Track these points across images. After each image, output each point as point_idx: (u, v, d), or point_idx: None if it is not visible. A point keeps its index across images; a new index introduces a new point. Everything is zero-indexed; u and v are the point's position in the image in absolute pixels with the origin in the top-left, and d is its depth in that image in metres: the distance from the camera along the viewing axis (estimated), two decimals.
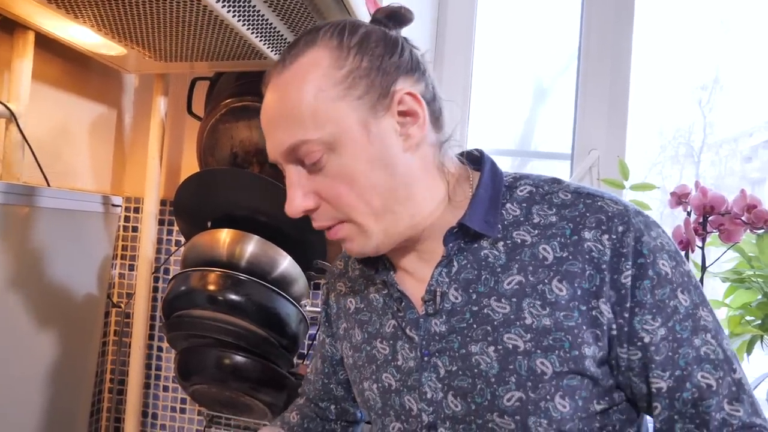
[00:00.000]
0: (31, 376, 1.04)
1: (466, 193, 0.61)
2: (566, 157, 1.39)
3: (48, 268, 1.05)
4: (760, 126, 1.51)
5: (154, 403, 1.33)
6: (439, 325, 0.59)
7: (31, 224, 1.00)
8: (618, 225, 0.54)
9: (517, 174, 0.63)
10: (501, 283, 0.57)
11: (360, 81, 0.55)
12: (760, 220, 0.97)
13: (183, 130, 1.34)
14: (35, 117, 1.07)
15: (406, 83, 0.57)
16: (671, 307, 0.53)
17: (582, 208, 0.57)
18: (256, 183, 1.02)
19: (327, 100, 0.54)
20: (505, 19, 1.50)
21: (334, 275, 0.76)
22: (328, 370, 0.78)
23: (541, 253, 0.56)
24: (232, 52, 0.99)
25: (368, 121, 0.55)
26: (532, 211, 0.58)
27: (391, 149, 0.56)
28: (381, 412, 0.64)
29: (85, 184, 1.23)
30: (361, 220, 0.57)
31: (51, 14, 0.87)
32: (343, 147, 0.55)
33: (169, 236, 1.32)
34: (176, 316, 1.01)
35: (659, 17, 1.43)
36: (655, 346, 0.53)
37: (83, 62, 1.17)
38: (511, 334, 0.55)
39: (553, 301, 0.54)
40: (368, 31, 0.58)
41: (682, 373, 0.53)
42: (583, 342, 0.53)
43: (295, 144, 0.55)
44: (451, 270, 0.59)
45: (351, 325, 0.70)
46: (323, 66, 0.55)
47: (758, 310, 1.03)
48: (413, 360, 0.60)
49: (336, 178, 0.56)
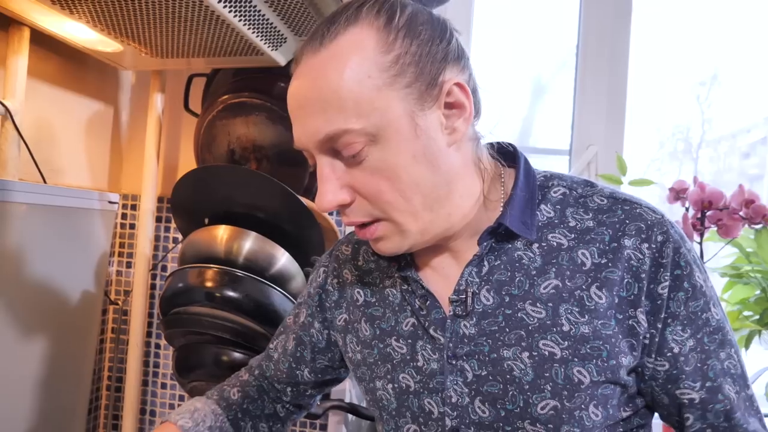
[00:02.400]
0: (28, 374, 1.04)
1: (499, 191, 0.58)
2: (564, 153, 1.39)
3: (45, 266, 1.05)
4: (758, 122, 1.51)
5: (152, 400, 1.33)
6: (469, 327, 0.56)
7: (28, 221, 0.99)
8: (658, 234, 0.53)
9: (547, 173, 0.60)
10: (537, 287, 0.55)
11: (408, 68, 0.51)
12: (758, 215, 0.97)
13: (180, 127, 1.34)
14: (31, 114, 1.06)
15: (453, 72, 0.53)
16: (702, 319, 0.53)
17: (621, 214, 0.55)
18: (253, 179, 1.02)
19: (372, 88, 0.50)
20: (503, 16, 1.49)
21: (337, 260, 0.71)
22: (303, 355, 0.73)
23: (579, 258, 0.54)
24: (229, 49, 0.99)
25: (415, 112, 0.51)
26: (567, 214, 0.56)
27: (437, 144, 0.52)
28: (395, 413, 0.61)
29: (81, 181, 1.23)
30: (400, 218, 0.53)
31: (46, 10, 0.87)
32: (387, 140, 0.51)
33: (166, 233, 1.32)
34: (174, 313, 1.01)
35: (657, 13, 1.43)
36: (684, 356, 0.53)
37: (79, 59, 1.17)
38: (547, 341, 0.53)
39: (591, 308, 0.53)
40: (415, 11, 0.53)
41: (713, 384, 0.53)
42: (620, 351, 0.52)
43: (335, 133, 0.51)
44: (482, 270, 0.57)
45: (356, 318, 0.66)
46: (369, 48, 0.50)
47: (756, 305, 1.03)
48: (436, 362, 0.57)
49: (376, 172, 0.52)
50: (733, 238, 1.03)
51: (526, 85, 1.53)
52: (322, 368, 0.74)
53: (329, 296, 0.71)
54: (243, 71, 1.14)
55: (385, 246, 0.56)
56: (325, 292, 0.72)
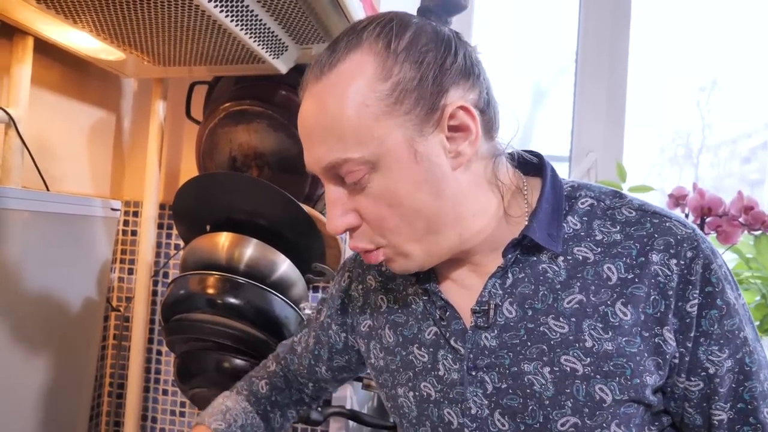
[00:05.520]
0: (30, 381, 1.04)
1: (522, 205, 0.57)
2: (564, 159, 1.39)
3: (47, 273, 1.05)
4: (758, 127, 1.51)
5: (154, 406, 1.33)
6: (490, 339, 0.55)
7: (31, 229, 1.00)
8: (687, 250, 0.51)
9: (575, 182, 0.59)
10: (561, 301, 0.53)
11: (408, 94, 0.50)
12: (757, 222, 0.97)
13: (182, 134, 1.35)
14: (34, 122, 1.07)
15: (457, 93, 0.52)
16: (741, 338, 0.51)
17: (650, 228, 0.53)
18: (254, 186, 1.02)
19: (370, 117, 0.50)
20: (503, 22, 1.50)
21: (362, 265, 0.71)
22: (321, 354, 0.75)
23: (605, 272, 0.53)
24: (231, 56, 1.00)
25: (415, 139, 0.50)
26: (594, 227, 0.55)
27: (440, 169, 0.51)
28: (415, 421, 0.61)
29: (84, 188, 1.24)
30: (403, 245, 0.54)
31: (50, 19, 0.88)
32: (387, 167, 0.51)
33: (168, 240, 1.32)
34: (175, 319, 1.01)
35: (656, 19, 1.43)
36: (720, 378, 0.51)
37: (82, 67, 1.18)
38: (569, 356, 0.52)
39: (616, 324, 0.51)
40: (418, 31, 0.52)
41: (746, 407, 0.51)
42: (645, 370, 0.51)
43: (335, 162, 0.51)
44: (506, 282, 0.56)
45: (380, 325, 0.66)
46: (367, 75, 0.50)
47: (756, 311, 1.03)
48: (456, 372, 0.57)
49: (378, 199, 0.52)
50: (732, 245, 1.03)
51: (526, 91, 1.54)
52: (339, 367, 0.76)
53: (353, 302, 0.71)
54: (244, 79, 1.15)
55: (394, 267, 0.57)
56: (348, 297, 0.72)
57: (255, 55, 0.97)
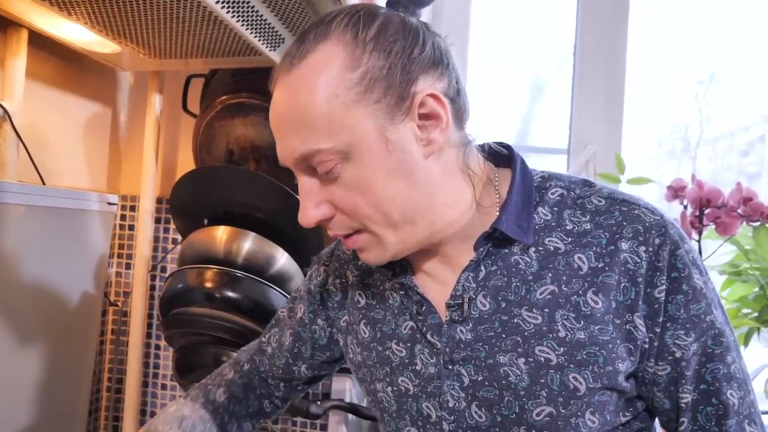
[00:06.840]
0: (28, 376, 1.04)
1: (493, 195, 0.57)
2: (563, 152, 1.39)
3: (44, 268, 1.05)
4: (756, 121, 1.51)
5: (152, 401, 1.32)
6: (465, 332, 0.56)
7: (27, 223, 0.99)
8: (655, 237, 0.52)
9: (545, 173, 0.59)
10: (533, 293, 0.54)
11: (377, 83, 0.50)
12: (756, 213, 0.97)
13: (178, 128, 1.34)
14: (29, 115, 1.06)
15: (427, 81, 0.52)
16: (707, 322, 0.52)
17: (618, 216, 0.54)
18: (252, 180, 1.02)
19: (341, 106, 0.50)
20: (501, 15, 1.50)
21: (339, 260, 0.71)
22: (301, 351, 0.73)
23: (575, 262, 0.54)
24: (227, 49, 0.99)
25: (386, 127, 0.51)
26: (564, 217, 0.55)
27: (411, 157, 0.52)
28: (396, 415, 0.62)
29: (80, 182, 1.23)
30: (379, 231, 0.54)
31: (44, 12, 0.87)
32: (359, 156, 0.51)
33: (165, 234, 1.32)
34: (173, 313, 1.01)
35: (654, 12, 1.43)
36: (686, 361, 0.52)
37: (77, 60, 1.17)
38: (543, 347, 0.53)
39: (588, 313, 0.52)
40: (386, 21, 0.52)
41: (708, 388, 0.52)
42: (617, 357, 0.52)
43: (307, 153, 0.51)
44: (479, 275, 0.56)
45: (355, 320, 0.66)
46: (336, 66, 0.50)
47: (755, 302, 1.03)
48: (434, 366, 0.58)
49: (351, 188, 0.52)
50: (731, 236, 1.03)
51: (524, 85, 1.53)
52: (319, 364, 0.74)
53: (331, 296, 0.70)
54: (241, 71, 1.14)
55: (367, 257, 0.57)
56: (326, 291, 0.71)
57: (252, 48, 0.97)
